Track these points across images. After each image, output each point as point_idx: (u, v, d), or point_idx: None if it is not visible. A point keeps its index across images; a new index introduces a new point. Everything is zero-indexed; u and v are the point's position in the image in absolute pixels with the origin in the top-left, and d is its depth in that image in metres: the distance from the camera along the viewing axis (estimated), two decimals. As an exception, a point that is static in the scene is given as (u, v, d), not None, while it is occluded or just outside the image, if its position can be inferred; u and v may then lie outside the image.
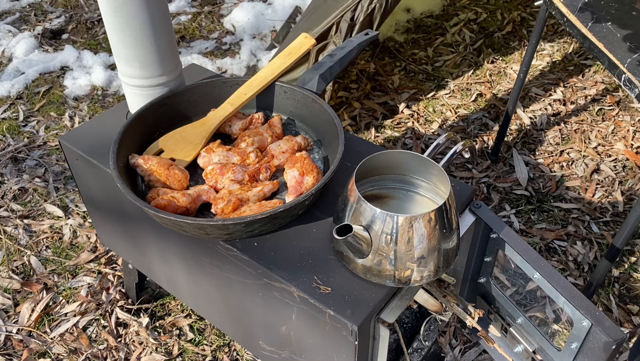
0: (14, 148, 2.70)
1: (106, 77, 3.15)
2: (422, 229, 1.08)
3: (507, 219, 2.33)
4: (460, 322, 1.96)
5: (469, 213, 1.34)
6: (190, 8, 3.82)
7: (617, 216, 2.33)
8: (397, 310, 1.17)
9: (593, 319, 1.14)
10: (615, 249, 1.76)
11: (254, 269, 1.23)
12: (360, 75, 3.10)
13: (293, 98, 1.52)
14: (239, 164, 1.37)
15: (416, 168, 1.23)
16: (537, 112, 2.86)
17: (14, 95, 3.06)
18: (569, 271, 2.12)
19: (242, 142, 1.44)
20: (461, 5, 3.67)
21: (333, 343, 1.19)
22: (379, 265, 1.12)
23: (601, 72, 3.09)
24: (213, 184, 1.34)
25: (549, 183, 2.48)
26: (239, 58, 3.31)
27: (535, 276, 1.24)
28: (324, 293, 1.15)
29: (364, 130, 2.77)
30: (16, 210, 2.41)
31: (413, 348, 1.48)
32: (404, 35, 3.43)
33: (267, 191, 1.32)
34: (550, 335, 1.94)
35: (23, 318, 2.01)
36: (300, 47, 1.59)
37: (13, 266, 2.19)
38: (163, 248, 1.52)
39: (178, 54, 1.51)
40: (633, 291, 2.07)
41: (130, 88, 1.48)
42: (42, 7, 3.84)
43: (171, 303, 2.06)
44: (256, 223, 1.20)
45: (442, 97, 2.97)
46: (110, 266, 2.17)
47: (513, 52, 3.28)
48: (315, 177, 1.31)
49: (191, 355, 1.90)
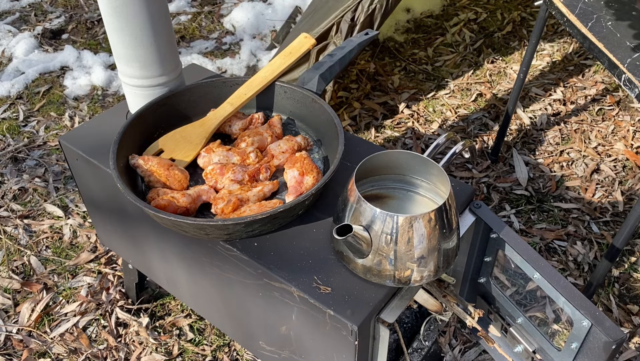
0: (14, 148, 2.70)
1: (106, 77, 3.15)
2: (422, 229, 1.08)
3: (507, 219, 2.33)
4: (460, 322, 1.96)
5: (469, 213, 1.34)
6: (190, 8, 3.82)
7: (617, 216, 2.33)
8: (397, 310, 1.17)
9: (593, 319, 1.14)
10: (615, 249, 1.76)
11: (254, 269, 1.23)
12: (360, 75, 3.10)
13: (293, 98, 1.52)
14: (239, 164, 1.37)
15: (416, 168, 1.23)
16: (537, 112, 2.86)
17: (14, 95, 3.06)
18: (569, 271, 2.12)
19: (242, 142, 1.44)
20: (461, 5, 3.67)
21: (333, 343, 1.19)
22: (379, 265, 1.12)
23: (601, 72, 3.09)
24: (213, 184, 1.34)
25: (549, 183, 2.48)
26: (239, 58, 3.31)
27: (535, 276, 1.24)
28: (324, 293, 1.15)
29: (364, 130, 2.77)
30: (16, 210, 2.41)
31: (413, 348, 1.48)
32: (404, 35, 3.43)
33: (267, 191, 1.32)
34: (550, 335, 1.94)
35: (23, 318, 2.01)
36: (300, 47, 1.59)
37: (13, 266, 2.19)
38: (163, 248, 1.52)
39: (178, 54, 1.51)
40: (633, 291, 2.07)
41: (130, 88, 1.48)
42: (42, 7, 3.84)
43: (171, 303, 2.06)
44: (256, 223, 1.20)
45: (442, 97, 2.97)
46: (110, 266, 2.17)
47: (513, 52, 3.28)
48: (315, 177, 1.31)
49: (191, 355, 1.90)
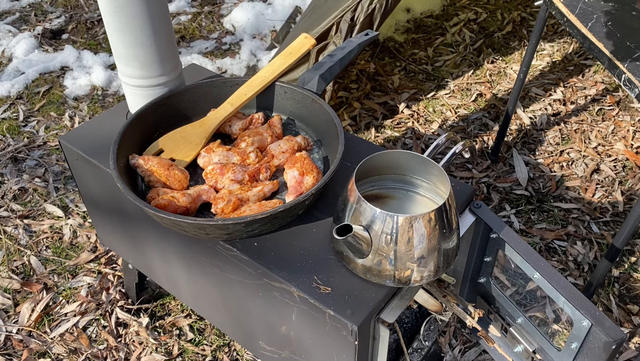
0: (14, 148, 2.70)
1: (106, 77, 3.15)
2: (422, 229, 1.08)
3: (507, 219, 2.33)
4: (460, 322, 1.96)
5: (469, 213, 1.34)
6: (190, 8, 3.82)
7: (617, 216, 2.33)
8: (397, 309, 1.17)
9: (593, 319, 1.14)
10: (615, 249, 1.76)
11: (254, 269, 1.23)
12: (360, 75, 3.10)
13: (293, 98, 1.52)
14: (239, 164, 1.37)
15: (416, 168, 1.23)
16: (537, 112, 2.86)
17: (14, 95, 3.06)
18: (569, 271, 2.12)
19: (242, 142, 1.44)
20: (461, 5, 3.67)
21: (333, 343, 1.19)
22: (379, 265, 1.12)
23: (601, 72, 3.09)
24: (213, 184, 1.34)
25: (549, 183, 2.48)
26: (239, 58, 3.31)
27: (535, 276, 1.24)
28: (324, 293, 1.15)
29: (364, 130, 2.77)
30: (16, 210, 2.41)
31: (413, 348, 1.48)
32: (404, 35, 3.43)
33: (267, 191, 1.32)
34: (550, 335, 1.94)
35: (23, 318, 2.01)
36: (300, 47, 1.59)
37: (13, 266, 2.19)
38: (163, 248, 1.52)
39: (178, 54, 1.51)
40: (633, 291, 2.07)
41: (130, 88, 1.48)
42: (42, 7, 3.84)
43: (171, 303, 2.06)
44: (256, 223, 1.20)
45: (442, 97, 2.97)
46: (110, 266, 2.17)
47: (513, 52, 3.28)
48: (315, 177, 1.31)
49: (191, 355, 1.90)
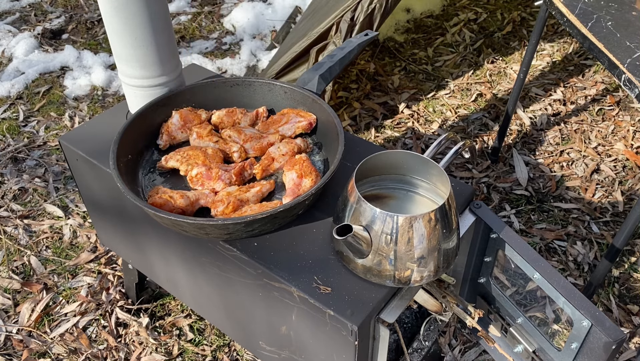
0: (14, 148, 2.70)
1: (106, 77, 3.15)
2: (422, 229, 1.08)
3: (507, 219, 2.33)
4: (460, 322, 1.96)
5: (469, 213, 1.34)
6: (190, 8, 3.82)
7: (617, 216, 2.33)
8: (397, 310, 1.17)
9: (593, 319, 1.14)
10: (615, 249, 1.76)
11: (254, 269, 1.23)
12: (360, 75, 3.10)
13: (293, 98, 1.52)
14: (221, 166, 1.37)
15: (416, 168, 1.23)
16: (537, 112, 2.86)
17: (14, 95, 3.06)
18: (569, 271, 2.12)
19: (226, 136, 1.46)
20: (461, 5, 3.67)
21: (333, 343, 1.19)
22: (379, 265, 1.12)
23: (601, 72, 3.09)
24: (200, 189, 1.35)
25: (549, 183, 2.48)
26: (239, 58, 3.31)
27: (535, 276, 1.24)
28: (324, 293, 1.15)
29: (364, 130, 2.77)
30: (16, 210, 2.41)
31: (413, 348, 1.48)
32: (404, 35, 3.43)
33: (265, 191, 1.32)
34: (550, 335, 1.94)
35: (23, 318, 2.01)
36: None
37: (13, 266, 2.19)
38: (163, 248, 1.52)
39: (178, 54, 1.51)
40: (633, 291, 2.07)
41: (130, 88, 1.48)
42: (42, 7, 3.84)
43: (171, 303, 2.06)
44: (256, 223, 1.20)
45: (442, 97, 2.97)
46: (110, 266, 2.17)
47: (513, 52, 3.28)
48: (314, 179, 1.31)
49: (191, 355, 1.90)
